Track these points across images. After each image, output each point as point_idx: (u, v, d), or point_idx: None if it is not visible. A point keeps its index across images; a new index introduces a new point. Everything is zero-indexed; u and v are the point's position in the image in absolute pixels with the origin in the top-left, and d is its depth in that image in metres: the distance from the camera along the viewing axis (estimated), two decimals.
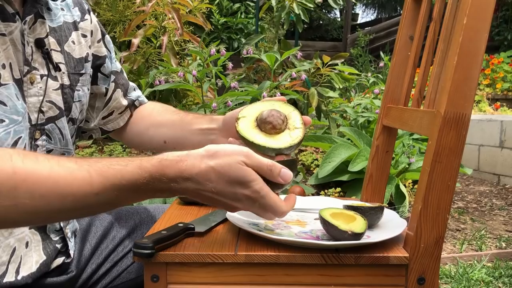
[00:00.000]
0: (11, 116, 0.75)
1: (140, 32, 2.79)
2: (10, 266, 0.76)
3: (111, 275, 0.94)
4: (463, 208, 3.08)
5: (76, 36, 0.92)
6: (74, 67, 0.90)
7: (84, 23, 0.95)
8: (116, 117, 1.04)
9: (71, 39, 0.90)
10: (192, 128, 1.00)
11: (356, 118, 3.17)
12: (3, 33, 0.75)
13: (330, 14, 11.46)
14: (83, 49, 0.93)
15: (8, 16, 0.76)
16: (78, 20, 0.94)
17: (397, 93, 0.99)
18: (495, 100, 5.76)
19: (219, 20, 6.08)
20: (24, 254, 0.78)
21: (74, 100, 0.89)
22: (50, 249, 0.83)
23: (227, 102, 2.51)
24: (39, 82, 0.81)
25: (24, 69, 0.78)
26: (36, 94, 0.81)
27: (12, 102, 0.75)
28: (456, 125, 0.69)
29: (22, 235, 0.78)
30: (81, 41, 0.93)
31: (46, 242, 0.82)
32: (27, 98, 0.79)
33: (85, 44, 0.94)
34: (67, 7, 0.92)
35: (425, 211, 0.70)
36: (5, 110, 0.74)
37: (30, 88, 0.80)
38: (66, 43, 0.89)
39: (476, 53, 0.69)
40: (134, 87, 1.10)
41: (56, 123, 0.85)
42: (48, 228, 0.83)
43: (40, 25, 0.83)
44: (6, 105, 0.74)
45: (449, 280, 1.96)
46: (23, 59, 0.78)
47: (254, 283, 0.71)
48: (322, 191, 2.71)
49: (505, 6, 7.87)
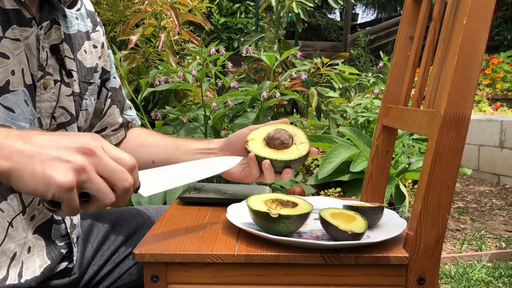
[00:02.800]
0: (18, 123, 0.75)
1: (139, 30, 2.79)
2: (11, 271, 0.76)
3: (112, 276, 0.95)
4: (463, 208, 3.08)
5: (88, 46, 0.93)
6: (84, 76, 0.90)
7: (95, 34, 0.96)
8: (109, 133, 1.04)
9: (83, 48, 0.91)
10: (188, 148, 1.00)
11: (356, 118, 3.17)
12: (17, 38, 0.75)
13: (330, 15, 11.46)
14: (94, 59, 0.94)
15: (25, 21, 0.76)
16: (90, 30, 0.94)
17: (397, 93, 0.99)
18: (495, 100, 5.76)
19: (219, 20, 6.08)
20: (26, 259, 0.78)
21: (82, 109, 0.90)
22: (55, 254, 0.83)
23: (227, 102, 2.51)
24: (52, 88, 0.81)
25: (38, 74, 0.78)
26: (49, 99, 0.81)
27: (20, 108, 0.75)
28: (456, 125, 0.69)
29: (24, 240, 0.78)
30: (92, 51, 0.94)
31: (50, 248, 0.82)
32: (40, 103, 0.79)
33: (95, 55, 0.95)
34: (81, 17, 0.92)
35: (425, 211, 0.70)
36: (13, 116, 0.74)
37: (43, 93, 0.79)
38: (79, 51, 0.90)
39: (476, 53, 0.69)
40: (130, 106, 1.10)
41: (67, 129, 0.85)
42: (53, 234, 0.83)
43: (55, 31, 0.83)
44: (14, 112, 0.74)
45: (449, 280, 1.96)
46: (38, 64, 0.78)
47: (254, 283, 0.71)
48: (322, 191, 2.71)
49: (505, 6, 7.87)
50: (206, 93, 2.65)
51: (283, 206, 0.78)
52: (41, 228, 0.81)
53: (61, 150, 0.58)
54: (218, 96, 2.64)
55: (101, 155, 0.59)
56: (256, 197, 0.79)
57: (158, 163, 1.00)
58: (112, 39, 3.28)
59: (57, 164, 0.57)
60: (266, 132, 0.90)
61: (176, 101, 3.15)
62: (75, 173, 0.57)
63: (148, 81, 2.58)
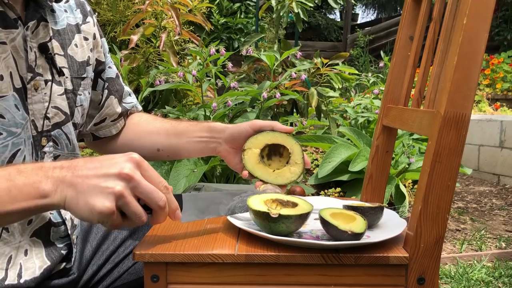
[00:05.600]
0: (9, 129, 0.74)
1: (139, 29, 2.79)
2: (10, 272, 0.76)
3: (112, 276, 0.94)
4: (463, 208, 3.08)
5: (79, 39, 0.90)
6: (77, 71, 0.88)
7: (86, 26, 0.93)
8: (109, 124, 1.03)
9: (74, 42, 0.89)
10: (190, 136, 1.00)
11: (356, 118, 3.17)
12: (3, 41, 0.73)
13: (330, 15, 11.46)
14: (85, 53, 0.91)
15: (10, 22, 0.74)
16: (80, 22, 0.92)
17: (397, 93, 0.99)
18: (495, 100, 5.76)
19: (219, 20, 6.08)
20: (24, 261, 0.78)
21: (77, 105, 0.88)
22: (55, 255, 0.82)
23: (227, 102, 2.51)
24: (44, 88, 0.79)
25: (27, 76, 0.76)
26: (41, 100, 0.79)
27: (11, 114, 0.74)
28: (456, 125, 0.69)
29: (19, 243, 0.77)
30: (83, 44, 0.91)
31: (50, 249, 0.81)
32: (32, 105, 0.77)
33: (87, 47, 0.92)
34: (70, 9, 0.90)
35: (425, 211, 0.70)
36: (3, 122, 0.73)
37: (34, 95, 0.78)
38: (70, 46, 0.87)
39: (476, 53, 0.69)
40: (129, 92, 1.08)
41: (62, 128, 0.84)
42: (51, 236, 0.82)
43: (43, 28, 0.80)
44: (4, 118, 0.73)
45: (449, 280, 1.96)
46: (26, 66, 0.76)
47: (254, 283, 0.71)
48: (322, 191, 2.71)
49: (505, 6, 7.87)
50: (206, 93, 2.65)
51: (283, 206, 0.78)
52: (39, 231, 0.80)
53: (101, 179, 0.64)
54: (218, 96, 2.64)
55: (138, 180, 0.66)
56: (256, 197, 0.79)
57: (163, 151, 1.01)
58: (112, 39, 3.28)
59: (98, 193, 0.64)
60: (264, 142, 0.93)
61: (176, 101, 3.15)
62: (114, 198, 0.64)
63: (148, 81, 2.59)
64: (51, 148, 0.81)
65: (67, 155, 0.85)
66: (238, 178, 2.48)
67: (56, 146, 0.83)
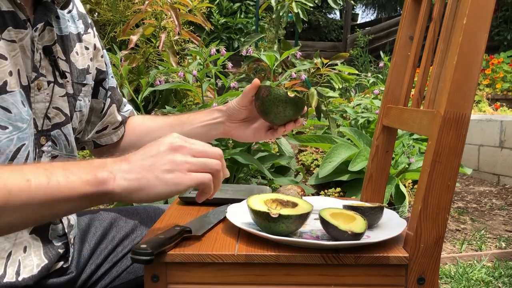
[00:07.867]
0: (15, 123, 0.75)
1: (139, 30, 2.79)
2: (9, 269, 0.76)
3: (110, 275, 0.94)
4: (463, 208, 3.08)
5: (80, 48, 0.93)
6: (77, 77, 0.90)
7: (87, 36, 0.96)
8: (110, 132, 1.06)
9: (75, 50, 0.91)
10: (193, 123, 1.04)
11: (356, 118, 3.17)
12: (13, 39, 0.75)
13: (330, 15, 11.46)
14: (85, 61, 0.94)
15: (20, 23, 0.76)
16: (82, 32, 0.94)
17: (397, 93, 0.99)
18: (495, 100, 5.76)
19: (219, 20, 6.08)
20: (23, 258, 0.78)
21: (76, 110, 0.90)
22: (52, 254, 0.83)
23: (227, 102, 2.51)
24: (46, 89, 0.81)
25: (32, 76, 0.79)
26: (43, 100, 0.81)
27: (18, 109, 0.75)
28: (456, 125, 0.69)
29: (19, 240, 0.78)
30: (84, 52, 0.94)
31: (47, 247, 0.82)
32: (34, 104, 0.79)
33: (87, 56, 0.95)
34: (72, 19, 0.92)
35: (425, 211, 0.70)
36: (9, 117, 0.74)
37: (37, 94, 0.80)
38: (71, 53, 0.90)
39: (476, 53, 0.69)
40: (125, 102, 1.12)
41: (62, 129, 0.85)
42: (50, 234, 0.83)
43: (48, 32, 0.83)
44: (11, 112, 0.74)
45: (449, 280, 1.96)
46: (32, 66, 0.78)
47: (254, 283, 0.71)
48: (322, 191, 2.71)
49: (505, 6, 7.87)
50: (206, 93, 2.65)
51: (283, 206, 0.78)
52: (38, 229, 0.81)
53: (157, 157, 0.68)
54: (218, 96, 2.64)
55: (190, 146, 0.70)
56: (256, 197, 0.79)
57: None
58: (112, 39, 3.28)
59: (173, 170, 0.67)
60: None
61: (176, 101, 3.15)
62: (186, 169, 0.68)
63: (148, 81, 2.59)
64: (49, 148, 0.83)
65: (65, 155, 0.86)
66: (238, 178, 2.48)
67: (54, 146, 0.84)
